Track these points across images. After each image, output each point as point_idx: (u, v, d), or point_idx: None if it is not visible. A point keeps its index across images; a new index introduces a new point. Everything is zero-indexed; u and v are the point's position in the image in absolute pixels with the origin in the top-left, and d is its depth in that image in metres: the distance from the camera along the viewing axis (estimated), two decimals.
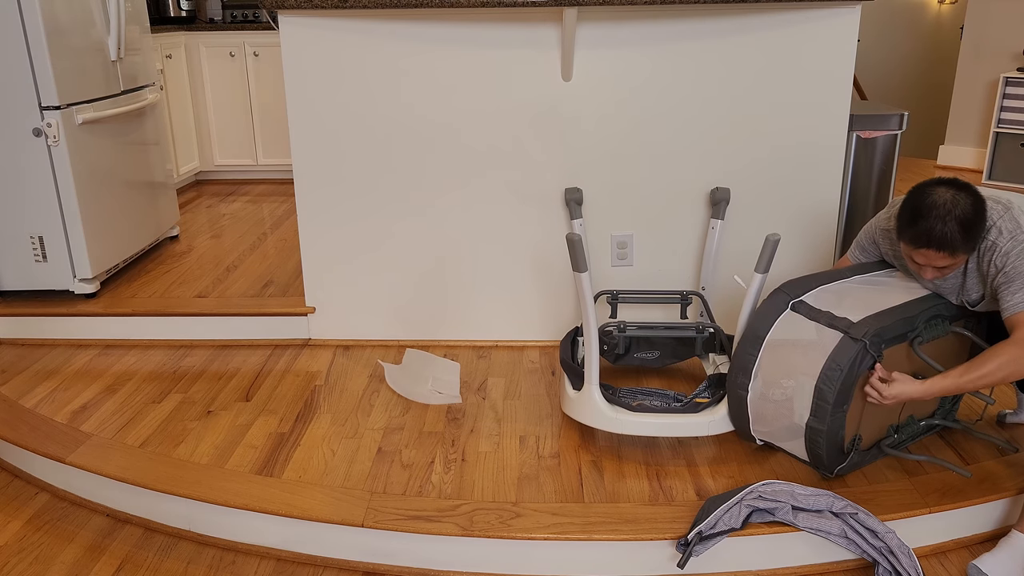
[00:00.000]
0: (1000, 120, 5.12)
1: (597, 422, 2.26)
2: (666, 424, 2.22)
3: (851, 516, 1.93)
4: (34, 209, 3.08)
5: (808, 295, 2.13)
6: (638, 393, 2.52)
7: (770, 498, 1.95)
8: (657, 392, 2.53)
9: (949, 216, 1.89)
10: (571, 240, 2.10)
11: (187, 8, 5.24)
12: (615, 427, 2.24)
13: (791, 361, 2.04)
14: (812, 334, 2.03)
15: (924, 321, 2.07)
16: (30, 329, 3.10)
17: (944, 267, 1.97)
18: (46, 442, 2.36)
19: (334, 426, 2.45)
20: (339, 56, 2.73)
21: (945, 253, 1.92)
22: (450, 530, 1.96)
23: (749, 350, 2.12)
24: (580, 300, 2.22)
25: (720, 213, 2.77)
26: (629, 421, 2.23)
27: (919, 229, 1.92)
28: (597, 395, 2.26)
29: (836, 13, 2.64)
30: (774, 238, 2.10)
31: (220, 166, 5.27)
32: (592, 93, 2.75)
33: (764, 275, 2.16)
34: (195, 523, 2.16)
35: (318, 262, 2.97)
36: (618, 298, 2.81)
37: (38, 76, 2.95)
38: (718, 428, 2.23)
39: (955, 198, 1.90)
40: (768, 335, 2.11)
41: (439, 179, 2.85)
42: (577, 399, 2.32)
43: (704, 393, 2.43)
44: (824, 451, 2.01)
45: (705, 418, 2.22)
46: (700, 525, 1.90)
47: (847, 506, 1.94)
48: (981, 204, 1.92)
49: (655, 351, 2.71)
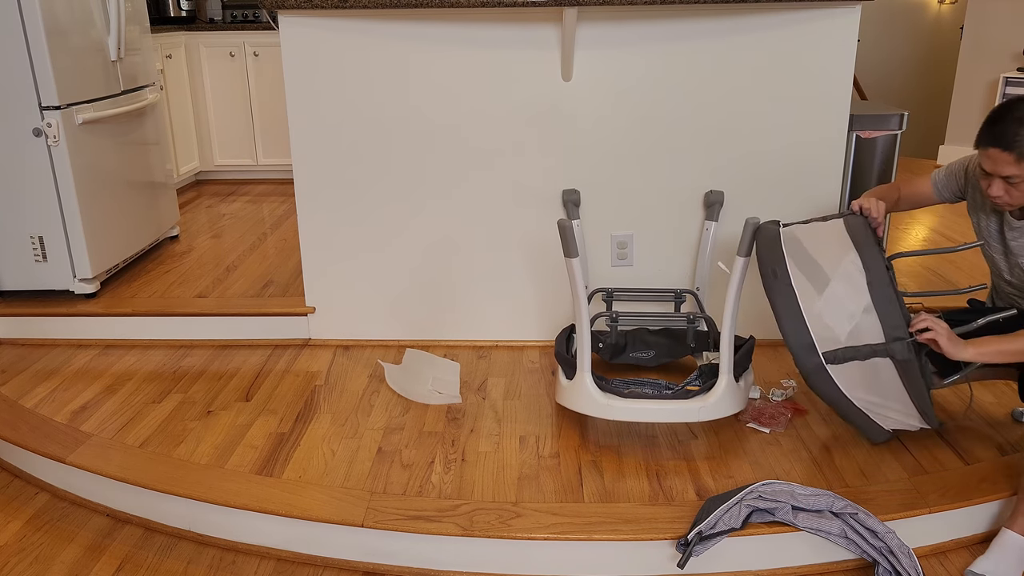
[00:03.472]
0: None
1: (589, 408, 2.27)
2: (657, 410, 2.22)
3: (851, 516, 1.93)
4: (34, 209, 3.08)
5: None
6: (630, 383, 2.53)
7: (770, 498, 1.95)
8: (649, 382, 2.54)
9: (1014, 112, 1.84)
10: (562, 225, 2.12)
11: (187, 8, 5.24)
12: (606, 413, 2.25)
13: (827, 254, 2.04)
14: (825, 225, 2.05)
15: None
16: (30, 329, 3.10)
17: (1010, 178, 1.89)
18: (46, 442, 2.36)
19: (334, 426, 2.45)
20: (339, 56, 2.73)
21: (1011, 155, 1.85)
22: (450, 530, 1.96)
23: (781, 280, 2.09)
24: (571, 287, 2.22)
25: (714, 215, 2.78)
26: (620, 407, 2.23)
27: (991, 127, 1.87)
28: (589, 381, 2.27)
29: (836, 13, 2.64)
30: (753, 221, 2.10)
31: (220, 166, 5.27)
32: (592, 93, 2.75)
33: (747, 258, 2.16)
34: (195, 523, 2.16)
35: (318, 262, 2.97)
36: (613, 295, 2.82)
37: (38, 76, 2.95)
38: (709, 414, 2.23)
39: None
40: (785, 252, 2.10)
41: (439, 179, 2.85)
42: (569, 387, 2.34)
43: (695, 382, 2.45)
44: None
45: (696, 404, 2.22)
46: (700, 525, 1.90)
47: (847, 506, 1.94)
48: None
49: (650, 350, 2.71)
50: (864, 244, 2.06)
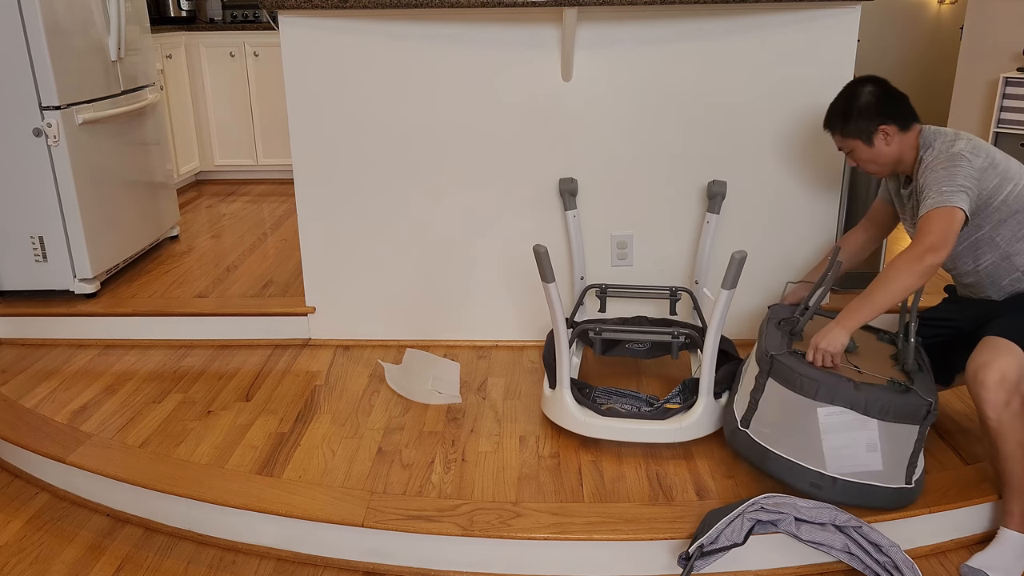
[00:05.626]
0: (1000, 120, 5.12)
1: (566, 423, 2.30)
2: (633, 430, 2.23)
3: (855, 530, 1.91)
4: (34, 209, 3.08)
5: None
6: (612, 394, 2.53)
7: (772, 509, 1.93)
8: (630, 394, 2.53)
9: (836, 98, 2.17)
10: (538, 252, 2.13)
11: (187, 8, 5.25)
12: (583, 430, 2.27)
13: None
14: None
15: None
16: (30, 329, 3.10)
17: (849, 154, 2.18)
18: (46, 442, 2.36)
19: (334, 426, 2.45)
20: (339, 56, 2.73)
21: (829, 133, 2.20)
22: (450, 530, 1.97)
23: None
24: (549, 309, 2.24)
25: (716, 207, 2.76)
26: (596, 424, 2.25)
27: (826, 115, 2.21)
28: (568, 397, 2.30)
29: (836, 13, 2.64)
30: (740, 255, 2.08)
31: (220, 166, 5.27)
32: (592, 93, 2.75)
33: (731, 291, 2.15)
34: (195, 523, 2.16)
35: (318, 262, 2.97)
36: (607, 292, 2.81)
37: (38, 76, 2.95)
38: (685, 435, 2.24)
39: (852, 86, 2.15)
40: None
41: (438, 179, 2.85)
42: (551, 397, 2.37)
43: (675, 398, 2.44)
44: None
45: (673, 425, 2.23)
46: (702, 539, 1.87)
47: (850, 519, 1.90)
48: (877, 97, 2.10)
49: (645, 343, 2.71)
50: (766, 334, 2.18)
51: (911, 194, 2.16)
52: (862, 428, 1.90)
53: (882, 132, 2.10)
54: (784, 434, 1.99)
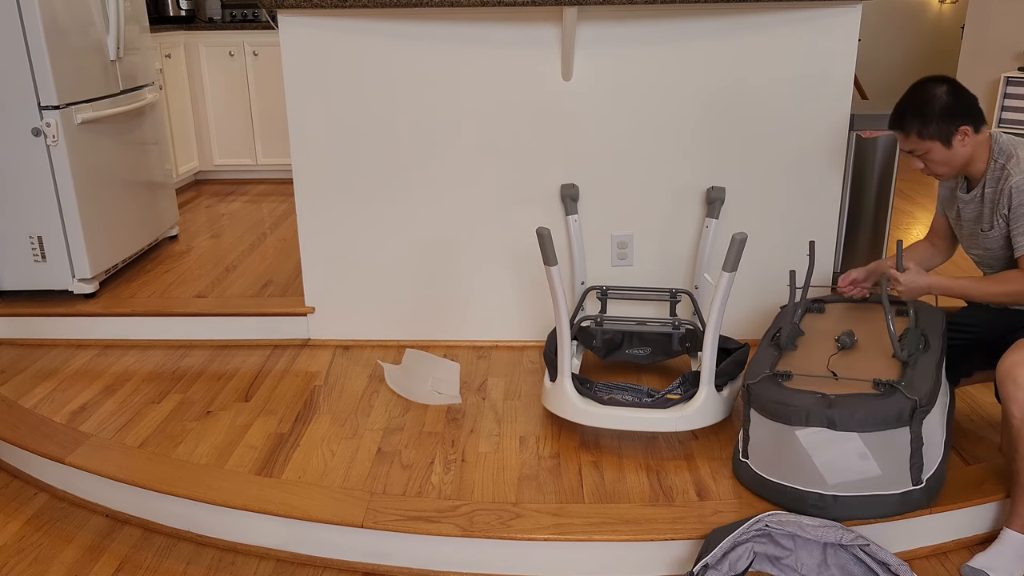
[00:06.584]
0: (1001, 120, 5.12)
1: (568, 413, 2.29)
2: (635, 418, 2.23)
3: (861, 548, 1.87)
4: (33, 209, 3.08)
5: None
6: (613, 388, 2.53)
7: (777, 529, 1.90)
8: (631, 387, 2.54)
9: (908, 97, 2.07)
10: (540, 234, 2.13)
11: (186, 8, 5.24)
12: (584, 419, 2.26)
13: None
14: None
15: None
16: (29, 329, 3.10)
17: (918, 155, 2.10)
18: (45, 442, 2.36)
19: (334, 426, 2.45)
20: (339, 55, 2.72)
21: (901, 134, 2.09)
22: (450, 531, 1.96)
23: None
24: (551, 294, 2.23)
25: (715, 212, 2.77)
26: (598, 413, 2.24)
27: (892, 115, 2.11)
28: (569, 386, 2.28)
29: (836, 13, 2.64)
30: (740, 237, 2.10)
31: (219, 166, 5.26)
32: (592, 93, 2.74)
33: (732, 273, 2.15)
34: (194, 523, 2.16)
35: (318, 262, 2.97)
36: (607, 294, 2.81)
37: (37, 76, 2.94)
38: (687, 424, 2.23)
39: (926, 85, 2.05)
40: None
41: (439, 178, 2.85)
42: (552, 390, 2.36)
43: (676, 390, 2.44)
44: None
45: (674, 414, 2.23)
46: (706, 558, 1.85)
47: (856, 538, 1.87)
48: (955, 97, 2.02)
49: (646, 347, 2.71)
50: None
51: (974, 199, 2.12)
52: (845, 442, 1.89)
53: (961, 133, 2.04)
54: (776, 460, 1.99)
